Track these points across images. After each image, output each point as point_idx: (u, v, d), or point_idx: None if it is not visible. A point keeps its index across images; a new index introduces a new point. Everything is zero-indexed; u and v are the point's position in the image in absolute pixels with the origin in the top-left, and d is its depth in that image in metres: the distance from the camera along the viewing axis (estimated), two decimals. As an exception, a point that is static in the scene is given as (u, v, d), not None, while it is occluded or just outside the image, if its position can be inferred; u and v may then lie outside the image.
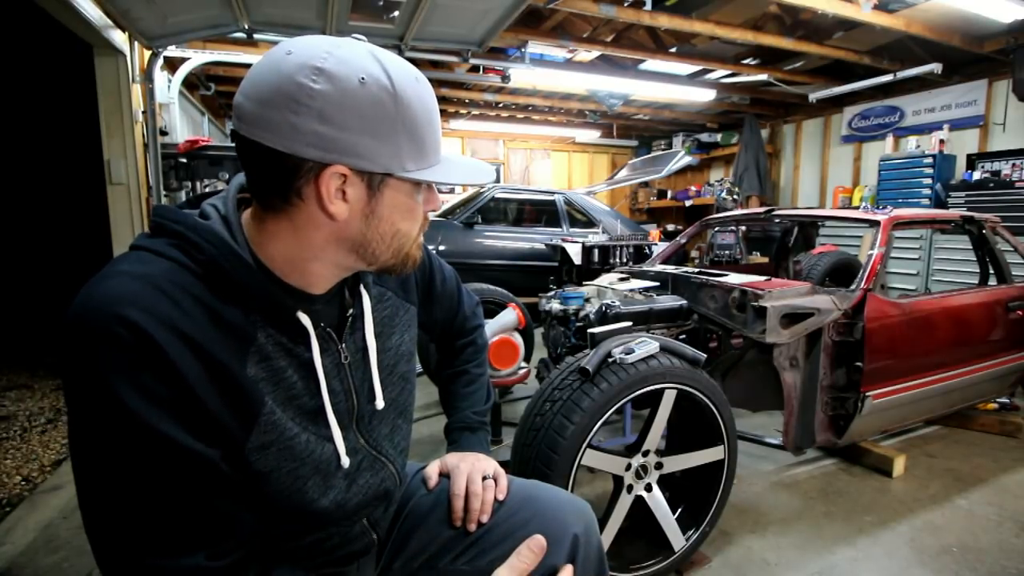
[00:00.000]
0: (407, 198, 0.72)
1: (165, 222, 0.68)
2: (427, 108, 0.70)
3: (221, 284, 0.66)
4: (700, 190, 8.42)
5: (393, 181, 0.69)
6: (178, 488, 0.61)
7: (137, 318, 0.58)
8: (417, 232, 0.76)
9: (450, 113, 7.78)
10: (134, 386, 0.58)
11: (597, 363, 1.58)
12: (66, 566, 1.80)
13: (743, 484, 2.34)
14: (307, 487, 0.73)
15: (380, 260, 0.74)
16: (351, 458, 0.78)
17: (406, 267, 0.78)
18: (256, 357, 0.68)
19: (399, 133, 0.66)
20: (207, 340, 0.63)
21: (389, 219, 0.71)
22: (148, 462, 0.60)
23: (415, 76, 0.69)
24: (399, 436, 0.89)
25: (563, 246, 4.54)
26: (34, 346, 4.55)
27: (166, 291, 0.62)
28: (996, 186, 4.88)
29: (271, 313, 0.70)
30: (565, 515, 0.93)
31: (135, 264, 0.64)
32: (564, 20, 4.50)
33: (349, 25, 3.35)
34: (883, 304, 2.17)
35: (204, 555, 0.62)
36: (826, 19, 4.05)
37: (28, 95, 5.59)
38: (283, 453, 0.70)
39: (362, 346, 0.83)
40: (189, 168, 3.64)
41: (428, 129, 0.70)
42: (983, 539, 1.99)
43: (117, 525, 0.60)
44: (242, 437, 0.66)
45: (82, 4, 2.71)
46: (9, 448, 2.73)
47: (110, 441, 0.59)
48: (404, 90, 0.66)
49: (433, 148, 0.71)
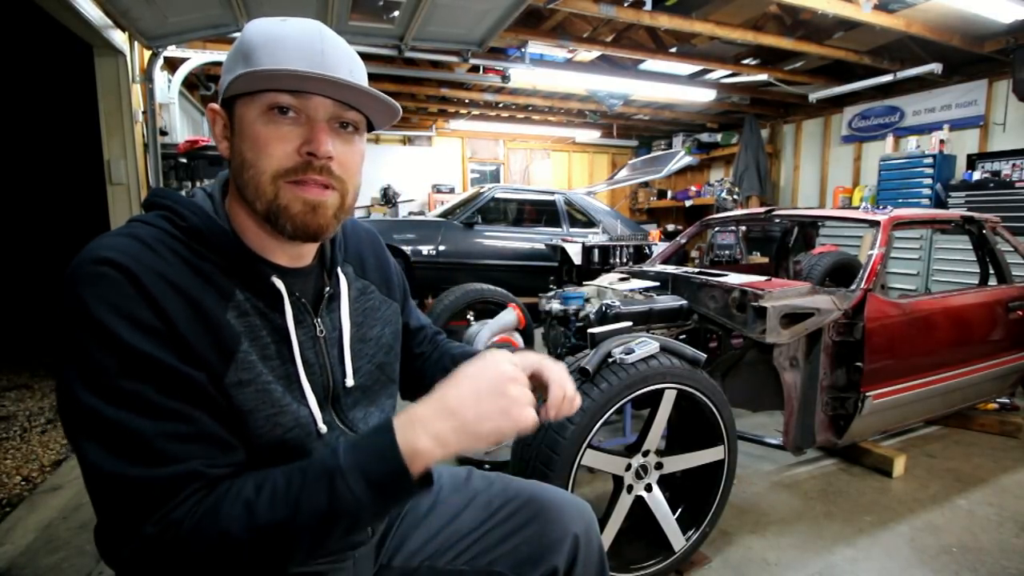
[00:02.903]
0: (252, 124, 0.71)
1: (156, 199, 0.75)
2: (273, 35, 0.70)
3: (202, 249, 0.72)
4: (700, 190, 8.42)
5: (240, 108, 0.72)
6: (171, 404, 0.63)
7: (122, 260, 0.64)
8: (269, 167, 0.70)
9: (450, 113, 7.78)
10: (119, 314, 0.62)
11: (597, 363, 1.58)
12: (66, 566, 1.80)
13: (743, 484, 2.34)
14: (288, 437, 0.73)
15: (250, 203, 0.73)
16: (329, 429, 0.79)
17: (280, 221, 0.72)
18: (235, 311, 0.72)
19: (236, 59, 0.71)
20: (188, 285, 0.68)
21: (239, 148, 0.73)
22: (140, 382, 0.62)
23: (283, 20, 0.73)
24: (373, 421, 0.88)
25: (563, 246, 4.55)
26: (34, 346, 4.55)
27: (150, 245, 0.68)
28: (996, 186, 4.88)
29: (248, 278, 0.74)
30: (565, 515, 0.93)
31: (124, 229, 0.70)
32: (564, 20, 4.50)
33: (349, 25, 3.35)
34: (883, 304, 2.17)
35: (200, 463, 0.64)
36: (826, 19, 4.06)
37: (29, 95, 5.60)
38: (260, 396, 0.71)
39: (339, 326, 0.84)
40: (189, 168, 3.64)
41: (265, 49, 0.69)
42: (983, 539, 1.99)
43: (112, 446, 0.61)
44: (221, 370, 0.68)
45: (82, 4, 2.71)
46: (9, 448, 2.73)
47: (98, 365, 0.61)
48: (252, 26, 0.72)
49: (267, 62, 0.69)
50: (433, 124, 8.29)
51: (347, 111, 0.74)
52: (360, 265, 0.93)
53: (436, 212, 5.73)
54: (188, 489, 0.62)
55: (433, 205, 7.80)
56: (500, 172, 9.27)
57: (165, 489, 0.61)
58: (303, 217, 0.72)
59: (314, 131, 0.71)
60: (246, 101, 0.71)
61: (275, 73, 0.68)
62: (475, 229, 5.07)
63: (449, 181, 8.56)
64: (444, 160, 8.76)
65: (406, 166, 8.33)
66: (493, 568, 0.91)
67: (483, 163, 9.19)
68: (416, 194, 8.23)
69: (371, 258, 0.96)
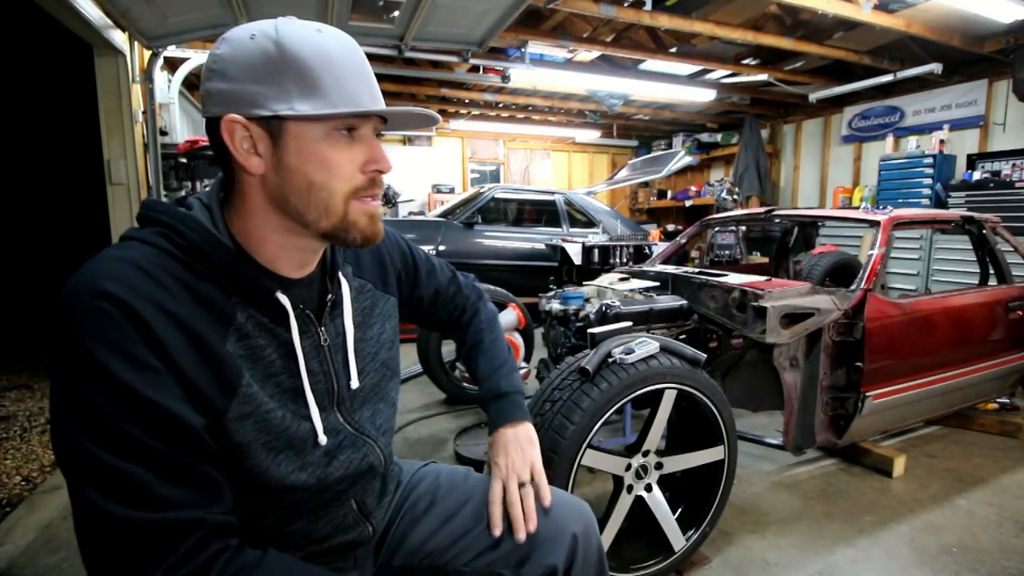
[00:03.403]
0: (316, 146, 0.70)
1: (150, 213, 0.72)
2: (323, 53, 0.69)
3: (202, 267, 0.70)
4: (700, 190, 8.42)
5: (294, 128, 0.70)
6: (166, 449, 0.62)
7: (120, 292, 0.62)
8: (342, 188, 0.73)
9: (450, 113, 7.78)
10: (118, 354, 0.60)
11: (597, 363, 1.58)
12: (66, 566, 1.80)
13: (743, 484, 2.34)
14: (278, 460, 0.73)
15: (312, 222, 0.73)
16: (330, 437, 0.79)
17: (349, 236, 0.75)
18: (235, 336, 0.71)
19: (285, 76, 0.68)
20: (188, 315, 0.66)
21: (300, 170, 0.71)
22: (135, 425, 0.61)
23: (316, 28, 0.71)
24: (381, 419, 0.90)
25: (563, 246, 4.55)
26: (34, 346, 4.55)
27: (148, 271, 0.65)
28: (996, 186, 4.88)
29: (251, 294, 0.73)
30: (564, 515, 0.94)
31: (120, 250, 0.68)
32: (564, 20, 4.50)
33: (349, 25, 3.35)
34: (883, 304, 2.17)
35: (196, 510, 0.64)
36: (826, 19, 4.06)
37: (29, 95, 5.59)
38: (259, 425, 0.71)
39: (342, 331, 0.85)
40: (189, 168, 3.64)
41: (323, 71, 0.69)
42: (983, 539, 1.99)
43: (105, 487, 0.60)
44: (223, 406, 0.68)
45: (82, 4, 2.71)
46: (9, 448, 2.73)
47: (92, 407, 0.60)
48: (290, 36, 0.69)
49: (334, 90, 0.69)
50: (433, 124, 8.29)
51: (381, 123, 0.77)
52: (357, 264, 0.93)
53: (436, 212, 5.73)
54: (195, 536, 0.63)
55: (433, 205, 7.79)
56: (500, 172, 9.27)
57: (173, 534, 0.62)
58: (370, 228, 0.76)
59: (373, 149, 0.74)
60: (307, 123, 0.70)
61: (361, 112, 0.71)
62: (475, 229, 5.07)
63: (449, 181, 8.56)
64: (444, 160, 8.76)
65: (406, 166, 8.33)
66: (493, 568, 0.91)
67: (483, 163, 9.18)
68: (416, 194, 8.22)
69: (366, 254, 0.96)
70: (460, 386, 3.23)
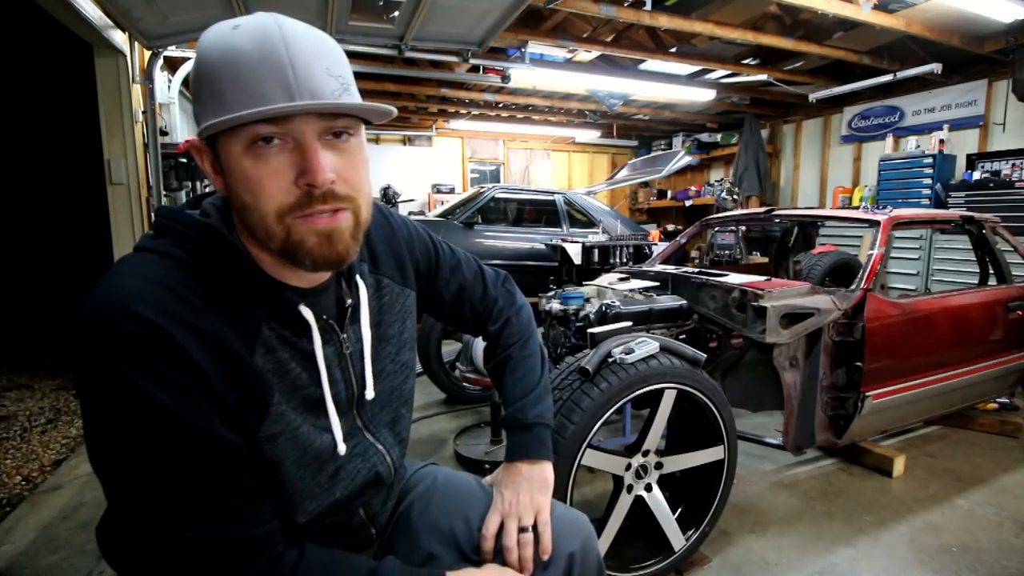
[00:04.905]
0: (238, 162, 0.63)
1: (168, 222, 0.69)
2: (227, 52, 0.62)
3: (224, 280, 0.68)
4: (700, 190, 8.41)
5: (223, 145, 0.64)
6: (210, 471, 0.63)
7: (150, 315, 0.60)
8: (269, 207, 0.64)
9: (450, 113, 7.78)
10: (155, 380, 0.60)
11: (597, 363, 1.58)
12: (66, 566, 1.80)
13: (743, 484, 2.34)
14: (306, 474, 0.74)
15: (267, 244, 0.67)
16: (347, 444, 0.79)
17: (298, 258, 0.67)
18: (263, 349, 0.69)
19: (201, 88, 0.64)
20: (217, 333, 0.64)
21: (234, 190, 0.66)
22: (179, 450, 0.61)
23: (233, 26, 0.63)
24: (400, 425, 0.89)
25: (563, 246, 4.54)
26: (35, 346, 4.55)
27: (174, 288, 0.63)
28: (996, 186, 4.88)
29: (273, 307, 0.71)
30: (560, 535, 0.91)
31: (142, 265, 0.66)
32: (564, 20, 4.50)
33: (349, 25, 3.35)
34: (883, 304, 2.17)
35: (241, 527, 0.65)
36: (826, 19, 4.05)
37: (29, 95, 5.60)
38: (290, 443, 0.71)
39: (360, 336, 0.83)
40: (189, 168, 3.64)
41: (224, 73, 0.62)
42: (983, 539, 1.99)
43: (153, 511, 0.62)
44: (255, 426, 0.67)
45: (82, 4, 2.71)
46: (9, 448, 2.73)
47: (139, 436, 0.60)
48: (203, 42, 0.63)
49: (232, 93, 0.61)
50: (433, 124, 8.28)
51: (335, 120, 0.66)
52: (373, 260, 0.88)
53: (436, 212, 5.72)
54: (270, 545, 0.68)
55: (433, 205, 7.79)
56: (500, 172, 9.26)
57: (246, 548, 0.65)
58: (321, 249, 0.67)
59: (306, 157, 0.64)
60: (226, 136, 0.63)
61: (248, 118, 0.60)
62: (475, 229, 5.07)
63: (449, 181, 8.55)
64: (444, 160, 8.76)
65: (406, 166, 8.33)
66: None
67: (483, 163, 9.18)
68: (416, 194, 8.22)
69: (382, 245, 0.91)
70: (460, 386, 3.23)
